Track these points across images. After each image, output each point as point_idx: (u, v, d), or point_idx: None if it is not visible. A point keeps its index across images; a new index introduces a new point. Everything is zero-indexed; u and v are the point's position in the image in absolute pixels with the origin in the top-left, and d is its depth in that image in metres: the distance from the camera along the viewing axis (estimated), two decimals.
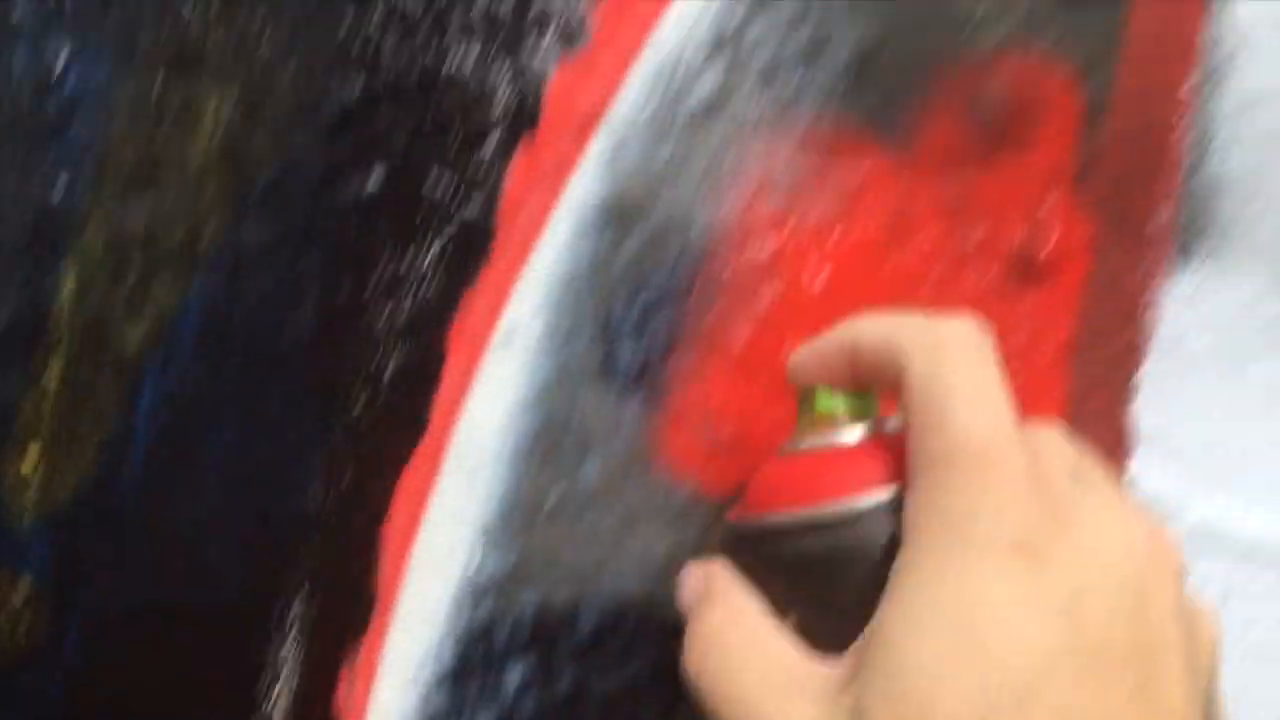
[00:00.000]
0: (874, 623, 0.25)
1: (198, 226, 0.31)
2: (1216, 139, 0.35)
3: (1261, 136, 0.35)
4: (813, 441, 0.29)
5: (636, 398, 0.34)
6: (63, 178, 0.31)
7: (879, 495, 0.27)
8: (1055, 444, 0.27)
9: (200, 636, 0.33)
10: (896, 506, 0.26)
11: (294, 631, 0.33)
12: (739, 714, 0.27)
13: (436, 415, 0.33)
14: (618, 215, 0.34)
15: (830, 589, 0.27)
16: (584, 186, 0.33)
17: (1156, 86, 0.34)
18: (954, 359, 0.26)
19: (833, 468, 0.28)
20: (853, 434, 0.29)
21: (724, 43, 0.34)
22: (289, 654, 0.33)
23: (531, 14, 0.33)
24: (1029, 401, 0.29)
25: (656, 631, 0.34)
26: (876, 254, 0.35)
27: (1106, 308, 0.36)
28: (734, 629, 0.28)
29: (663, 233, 0.34)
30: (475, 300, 0.33)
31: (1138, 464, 0.36)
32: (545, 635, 0.34)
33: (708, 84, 0.34)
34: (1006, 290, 0.35)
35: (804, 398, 0.30)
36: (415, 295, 0.33)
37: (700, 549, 0.34)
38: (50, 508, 0.31)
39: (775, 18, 0.34)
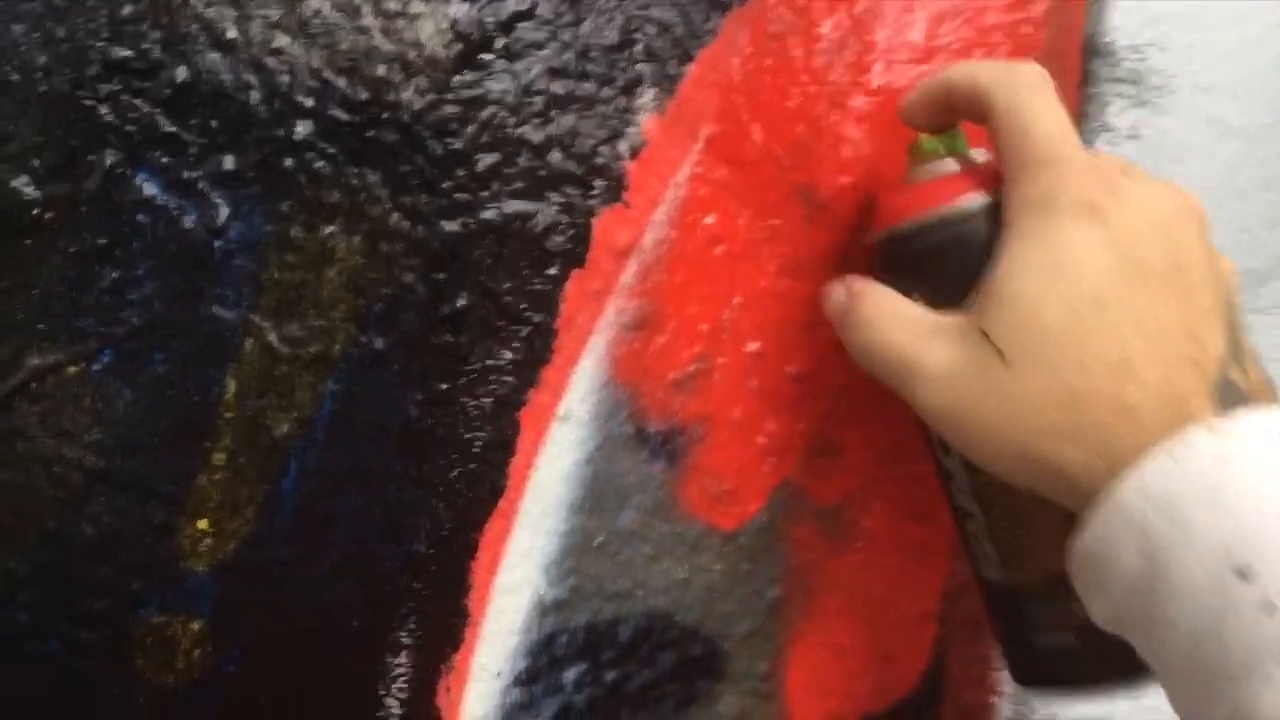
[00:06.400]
0: (987, 275, 0.35)
1: (330, 343, 0.41)
2: None
3: None
4: (921, 175, 0.40)
5: (661, 461, 0.45)
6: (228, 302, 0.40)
7: (977, 200, 0.37)
8: (1108, 155, 0.37)
9: (331, 656, 0.42)
10: (988, 207, 0.37)
11: (405, 649, 0.42)
12: (894, 362, 0.36)
13: (513, 477, 0.43)
14: (645, 324, 0.44)
15: (945, 269, 0.37)
16: (619, 304, 0.44)
17: None
18: (1029, 90, 0.36)
19: (941, 187, 0.38)
20: (951, 166, 0.39)
21: None
22: (403, 666, 0.42)
23: (584, 171, 0.43)
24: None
25: (678, 638, 0.45)
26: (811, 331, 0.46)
27: None
28: (878, 308, 0.38)
29: (677, 338, 0.45)
30: (541, 389, 0.43)
31: None
32: (593, 643, 0.45)
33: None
34: None
35: (912, 146, 0.40)
36: (497, 387, 0.43)
37: (709, 575, 0.45)
38: (219, 559, 0.40)
39: None
